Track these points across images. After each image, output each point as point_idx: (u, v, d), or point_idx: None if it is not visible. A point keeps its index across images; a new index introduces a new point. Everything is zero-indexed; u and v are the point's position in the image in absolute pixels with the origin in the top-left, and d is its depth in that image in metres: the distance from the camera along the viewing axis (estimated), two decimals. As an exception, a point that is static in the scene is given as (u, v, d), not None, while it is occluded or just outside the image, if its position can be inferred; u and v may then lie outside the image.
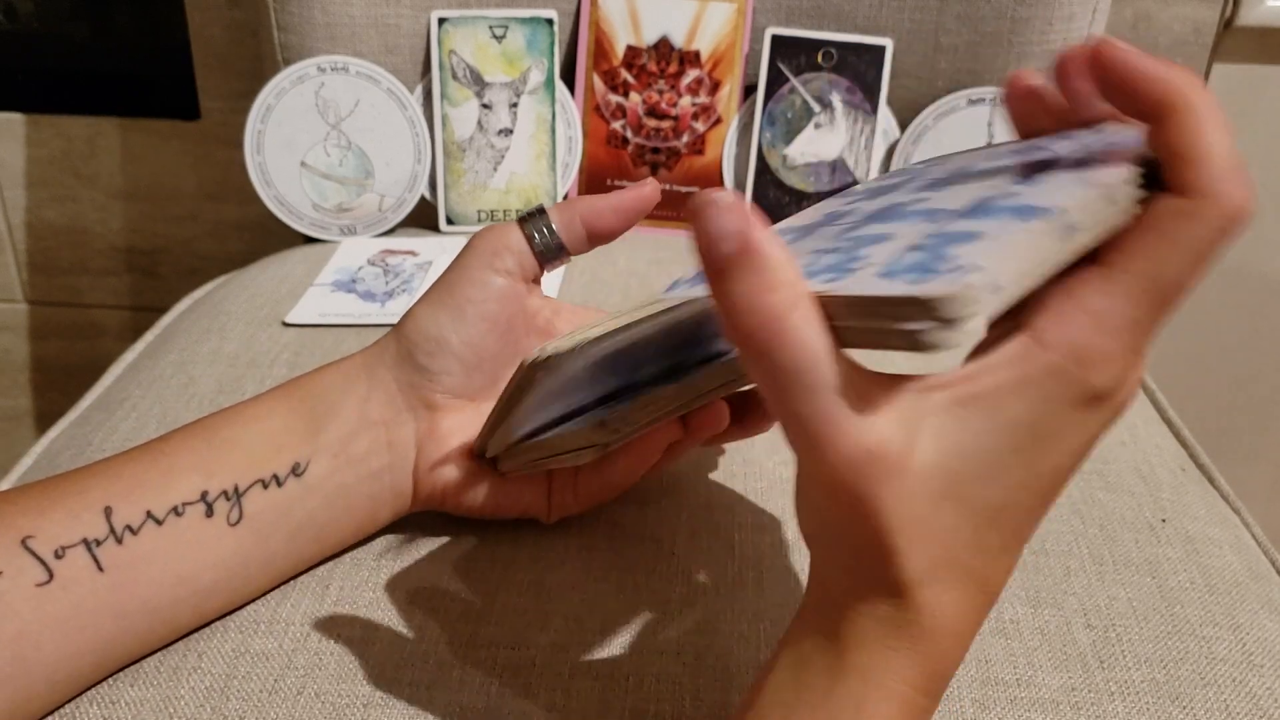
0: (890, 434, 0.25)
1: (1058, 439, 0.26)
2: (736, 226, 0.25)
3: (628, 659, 0.38)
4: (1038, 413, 0.26)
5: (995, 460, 0.26)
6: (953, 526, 0.26)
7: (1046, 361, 0.25)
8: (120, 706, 0.36)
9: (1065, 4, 0.70)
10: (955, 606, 0.27)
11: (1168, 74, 0.25)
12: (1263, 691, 0.39)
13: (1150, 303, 0.26)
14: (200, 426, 0.39)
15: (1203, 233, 0.25)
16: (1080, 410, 0.26)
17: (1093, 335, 0.25)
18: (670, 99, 0.75)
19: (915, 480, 0.25)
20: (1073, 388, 0.26)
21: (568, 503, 0.43)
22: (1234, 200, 0.25)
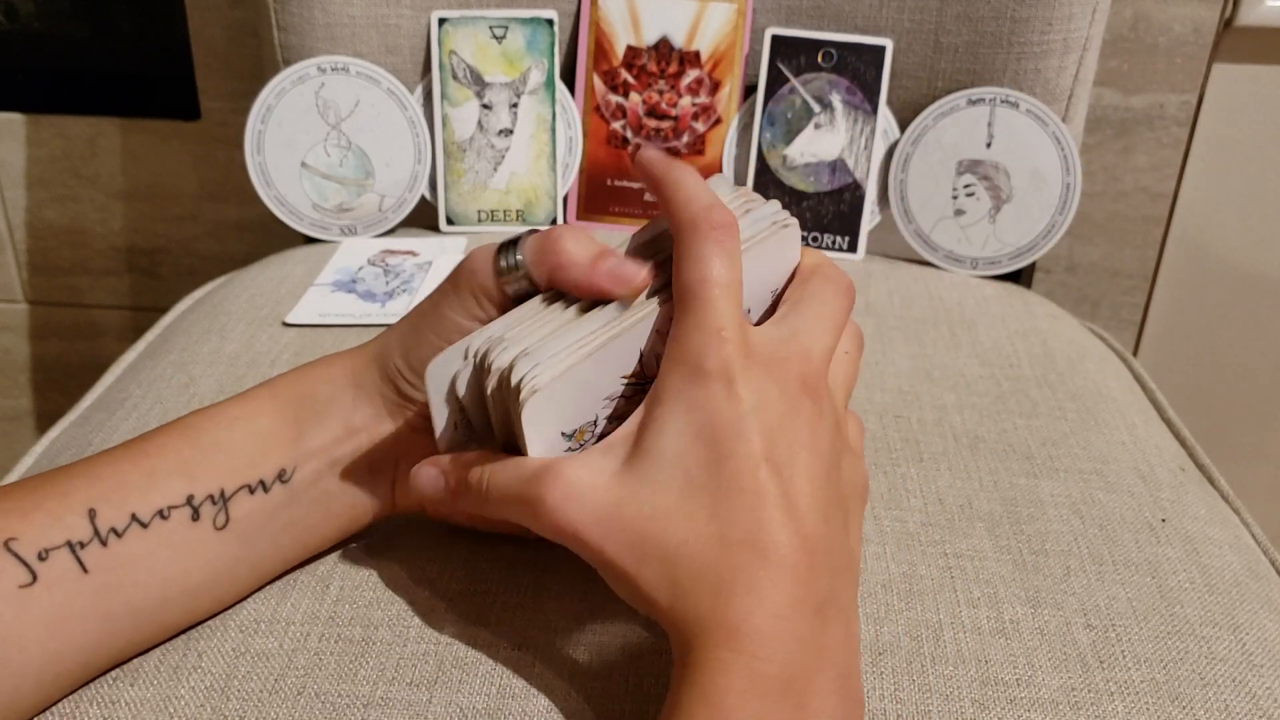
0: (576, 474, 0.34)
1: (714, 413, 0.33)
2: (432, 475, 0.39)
3: (628, 659, 0.38)
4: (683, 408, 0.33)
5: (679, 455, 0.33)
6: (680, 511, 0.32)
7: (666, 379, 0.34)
8: (120, 706, 0.36)
9: (1065, 4, 0.70)
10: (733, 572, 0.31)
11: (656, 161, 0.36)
12: (1262, 691, 0.39)
13: (693, 302, 0.34)
14: (184, 426, 0.39)
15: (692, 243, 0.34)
16: (712, 387, 0.33)
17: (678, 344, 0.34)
18: (670, 99, 0.75)
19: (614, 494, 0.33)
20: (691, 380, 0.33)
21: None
22: (700, 213, 0.34)
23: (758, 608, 0.31)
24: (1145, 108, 0.90)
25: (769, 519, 0.32)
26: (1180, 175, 0.93)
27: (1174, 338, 1.00)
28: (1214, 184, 0.93)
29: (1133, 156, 0.92)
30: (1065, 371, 0.59)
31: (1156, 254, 0.96)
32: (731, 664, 0.30)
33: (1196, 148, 0.92)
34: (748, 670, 0.30)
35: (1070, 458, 0.50)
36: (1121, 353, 0.67)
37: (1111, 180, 0.93)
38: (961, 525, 0.45)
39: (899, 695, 0.37)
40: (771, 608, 0.31)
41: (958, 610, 0.41)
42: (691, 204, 0.35)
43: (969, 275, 0.73)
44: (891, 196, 0.74)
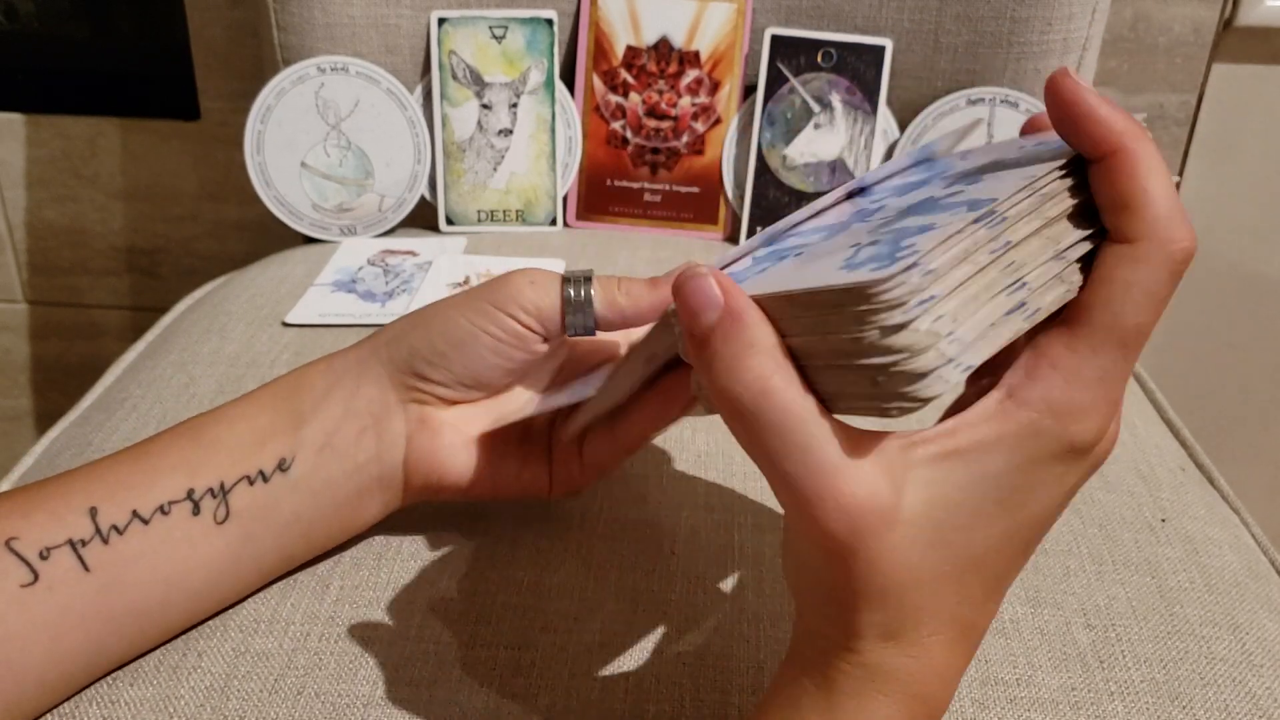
0: (878, 487, 0.26)
1: (1038, 491, 0.27)
2: (719, 295, 0.27)
3: (627, 659, 0.38)
4: (1018, 467, 0.27)
5: (977, 511, 0.27)
6: (938, 576, 0.27)
7: (1024, 418, 0.26)
8: (120, 706, 0.36)
9: (1065, 4, 0.70)
10: (941, 652, 0.28)
11: (1113, 117, 0.26)
12: (1262, 691, 0.39)
13: (1115, 351, 0.26)
14: (185, 427, 0.39)
15: (1153, 276, 0.26)
16: (1060, 463, 0.27)
17: (1066, 389, 0.26)
18: (670, 99, 0.75)
19: (903, 532, 0.26)
20: (1052, 442, 0.26)
21: (572, 475, 0.42)
22: (1178, 242, 0.26)
23: (944, 694, 0.29)
24: (1145, 107, 0.90)
25: (995, 608, 0.29)
26: (1180, 175, 0.93)
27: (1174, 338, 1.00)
28: (1214, 184, 0.93)
29: (1133, 156, 0.92)
30: (1065, 371, 0.59)
31: (1156, 254, 0.96)
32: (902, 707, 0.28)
33: (1196, 148, 0.92)
34: (915, 712, 0.28)
35: (1070, 458, 0.50)
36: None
37: (1111, 180, 0.93)
38: (961, 525, 0.45)
39: (899, 695, 0.37)
40: (951, 691, 0.29)
41: (958, 610, 0.41)
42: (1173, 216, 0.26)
43: (969, 275, 0.73)
44: (891, 196, 0.74)
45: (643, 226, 0.77)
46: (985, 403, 0.27)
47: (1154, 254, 0.26)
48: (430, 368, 0.39)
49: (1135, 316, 0.26)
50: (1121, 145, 0.26)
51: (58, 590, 0.34)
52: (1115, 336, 0.26)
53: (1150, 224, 0.26)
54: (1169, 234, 0.26)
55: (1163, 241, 0.26)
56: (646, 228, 0.77)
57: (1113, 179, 0.26)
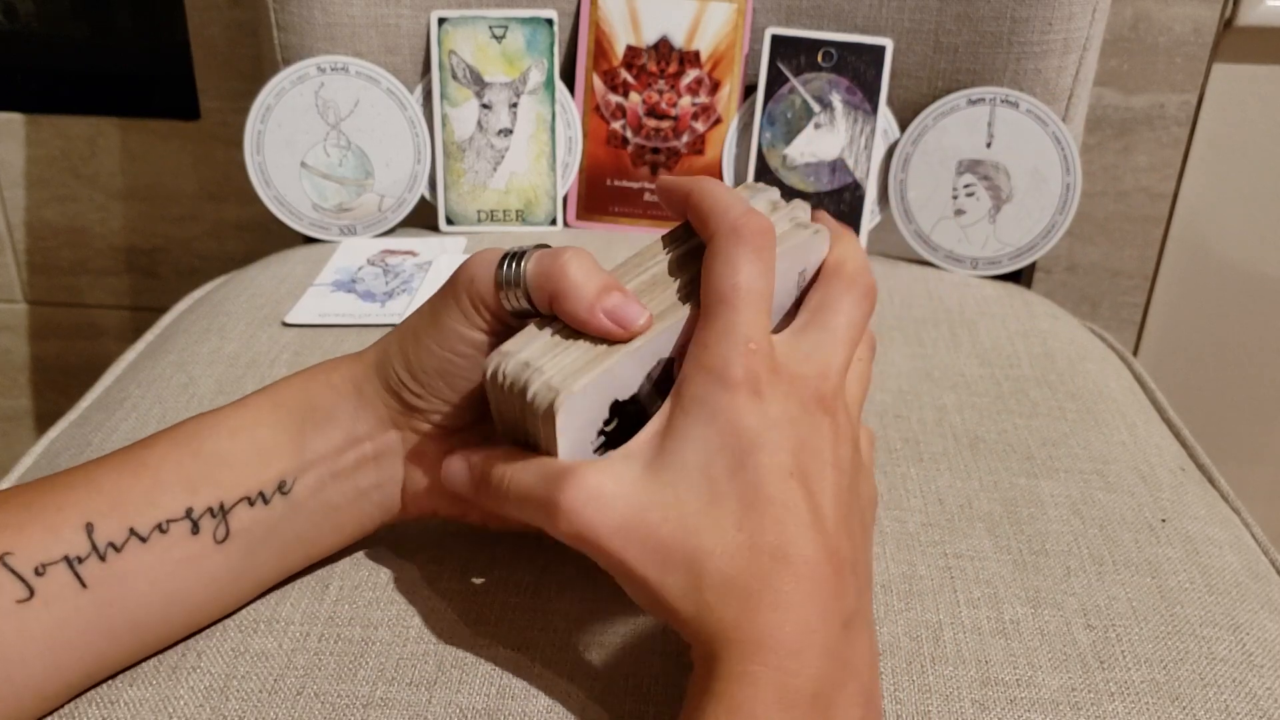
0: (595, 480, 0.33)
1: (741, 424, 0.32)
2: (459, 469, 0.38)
3: (628, 659, 0.38)
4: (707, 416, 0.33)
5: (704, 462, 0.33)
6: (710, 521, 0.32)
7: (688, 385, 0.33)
8: (119, 706, 0.36)
9: (1065, 4, 0.70)
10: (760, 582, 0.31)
11: (681, 180, 0.36)
12: (1263, 692, 0.39)
13: (723, 308, 0.33)
14: (182, 435, 0.38)
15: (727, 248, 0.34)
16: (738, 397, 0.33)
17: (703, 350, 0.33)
18: (670, 99, 0.75)
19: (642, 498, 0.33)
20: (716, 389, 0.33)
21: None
22: (737, 219, 0.34)
23: (786, 621, 0.31)
24: (1145, 108, 0.90)
25: (797, 531, 0.32)
26: (1180, 175, 0.93)
27: (1174, 338, 1.00)
28: (1214, 184, 0.93)
29: (1133, 156, 0.92)
30: (1065, 371, 0.59)
31: (1156, 254, 0.96)
32: (759, 677, 0.30)
33: (1196, 148, 0.92)
34: (776, 684, 0.30)
35: (1070, 458, 0.50)
36: (1121, 353, 0.67)
37: (1111, 180, 0.93)
38: (961, 525, 0.45)
39: (899, 696, 0.37)
40: (800, 621, 0.31)
41: (958, 610, 0.41)
42: (729, 211, 0.34)
43: (969, 275, 0.73)
44: (891, 196, 0.74)
45: (643, 226, 0.77)
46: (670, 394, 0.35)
47: (723, 232, 0.34)
48: (420, 399, 0.38)
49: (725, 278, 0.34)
50: (690, 191, 0.36)
51: (54, 606, 0.34)
52: (718, 298, 0.34)
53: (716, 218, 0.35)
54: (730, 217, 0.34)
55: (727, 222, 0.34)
56: (647, 228, 0.77)
57: (693, 212, 0.36)
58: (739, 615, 0.31)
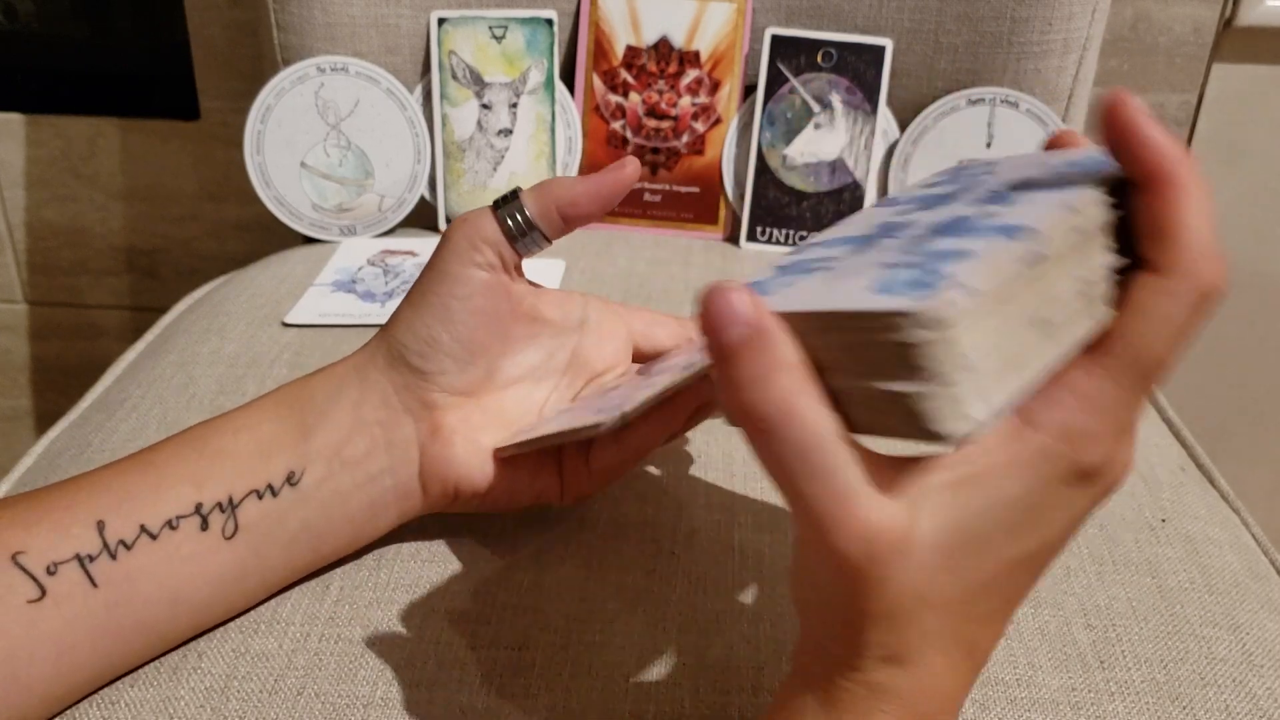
0: (896, 513, 0.26)
1: (1049, 515, 0.27)
2: (747, 311, 0.26)
3: (628, 659, 0.38)
4: (1030, 491, 0.26)
5: (990, 537, 0.27)
6: (948, 598, 0.27)
7: (1037, 443, 0.26)
8: (120, 707, 0.36)
9: (1065, 4, 0.70)
10: (946, 672, 0.28)
11: (1168, 146, 0.26)
12: (1263, 692, 0.39)
13: (1133, 381, 0.26)
14: (190, 436, 0.39)
15: (1180, 310, 0.26)
16: (1071, 488, 0.27)
17: (1079, 415, 0.26)
18: (670, 99, 0.75)
19: (916, 557, 0.26)
20: (1063, 467, 0.26)
21: (581, 482, 0.42)
22: (1210, 279, 0.26)
23: (945, 712, 0.29)
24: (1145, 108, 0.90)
25: (999, 630, 0.29)
26: (1180, 175, 0.93)
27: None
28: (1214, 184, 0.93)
29: (1133, 156, 0.92)
30: (1065, 371, 0.59)
31: (1156, 254, 0.96)
32: None
33: (1196, 148, 0.92)
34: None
35: (1070, 458, 0.50)
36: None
37: (1111, 180, 0.93)
38: (961, 525, 0.45)
39: (899, 695, 0.37)
40: (953, 711, 0.29)
41: (958, 610, 0.41)
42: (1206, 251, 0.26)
43: (969, 275, 0.73)
44: (891, 196, 0.74)
45: (643, 226, 0.77)
46: (1001, 427, 0.26)
47: (1184, 288, 0.26)
48: (423, 359, 0.39)
49: (1158, 349, 0.26)
50: (1171, 174, 0.26)
51: (64, 606, 0.34)
52: (1136, 367, 0.26)
53: (1184, 257, 0.26)
54: (1201, 270, 0.26)
55: (1194, 276, 0.26)
56: (646, 228, 0.77)
57: (1156, 206, 0.26)
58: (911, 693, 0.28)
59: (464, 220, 0.40)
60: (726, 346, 0.26)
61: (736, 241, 0.76)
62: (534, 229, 0.40)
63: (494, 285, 0.40)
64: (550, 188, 0.40)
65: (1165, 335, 0.26)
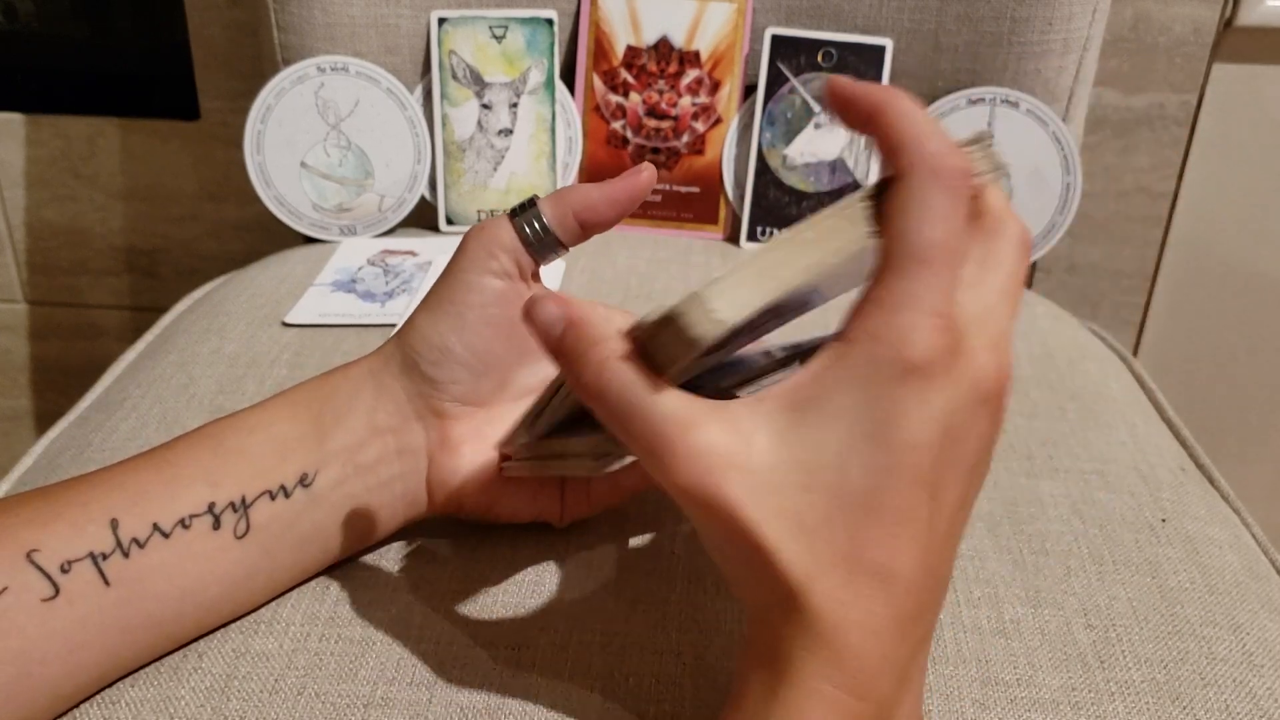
0: (718, 435, 0.28)
1: (901, 418, 0.28)
2: (556, 310, 0.30)
3: (628, 659, 0.38)
4: (865, 396, 0.28)
5: (843, 447, 0.28)
6: (824, 518, 0.28)
7: (854, 352, 0.28)
8: (120, 707, 0.36)
9: (1065, 4, 0.70)
10: (855, 601, 0.28)
11: (871, 89, 0.29)
12: (1263, 692, 0.39)
13: (918, 268, 0.28)
14: (204, 434, 0.39)
15: (926, 192, 0.28)
16: (909, 385, 0.27)
17: (880, 314, 0.28)
18: (670, 99, 0.75)
19: (762, 473, 0.28)
20: (886, 366, 0.27)
21: (580, 506, 0.43)
22: (937, 156, 0.28)
23: (872, 646, 0.28)
24: (1145, 108, 0.90)
25: (907, 547, 0.28)
26: (1180, 175, 0.93)
27: (1174, 338, 1.00)
28: (1214, 184, 0.93)
29: (1133, 156, 0.92)
30: (1065, 372, 0.59)
31: (1156, 254, 0.96)
32: (833, 701, 0.28)
33: (1196, 148, 0.92)
34: (846, 710, 0.28)
35: (1070, 458, 0.50)
36: (1121, 353, 0.67)
37: (1111, 180, 0.93)
38: (962, 525, 0.45)
39: (899, 695, 0.37)
40: (884, 646, 0.28)
41: (958, 610, 0.41)
42: (929, 140, 0.28)
43: (969, 275, 0.73)
44: (891, 196, 0.74)
45: (643, 226, 0.77)
46: (821, 351, 0.29)
47: (922, 173, 0.28)
48: (435, 367, 0.39)
49: (923, 232, 0.28)
50: (884, 106, 0.29)
51: (77, 604, 0.34)
52: (911, 253, 0.28)
53: (915, 151, 0.28)
54: (930, 153, 0.28)
55: (926, 159, 0.28)
56: (647, 228, 0.77)
57: (883, 133, 0.29)
58: (828, 630, 0.28)
59: (481, 228, 0.40)
60: (552, 343, 0.30)
61: (737, 241, 0.76)
62: (551, 236, 0.39)
63: (509, 294, 0.40)
64: (567, 195, 0.40)
65: (925, 217, 0.28)
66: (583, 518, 0.43)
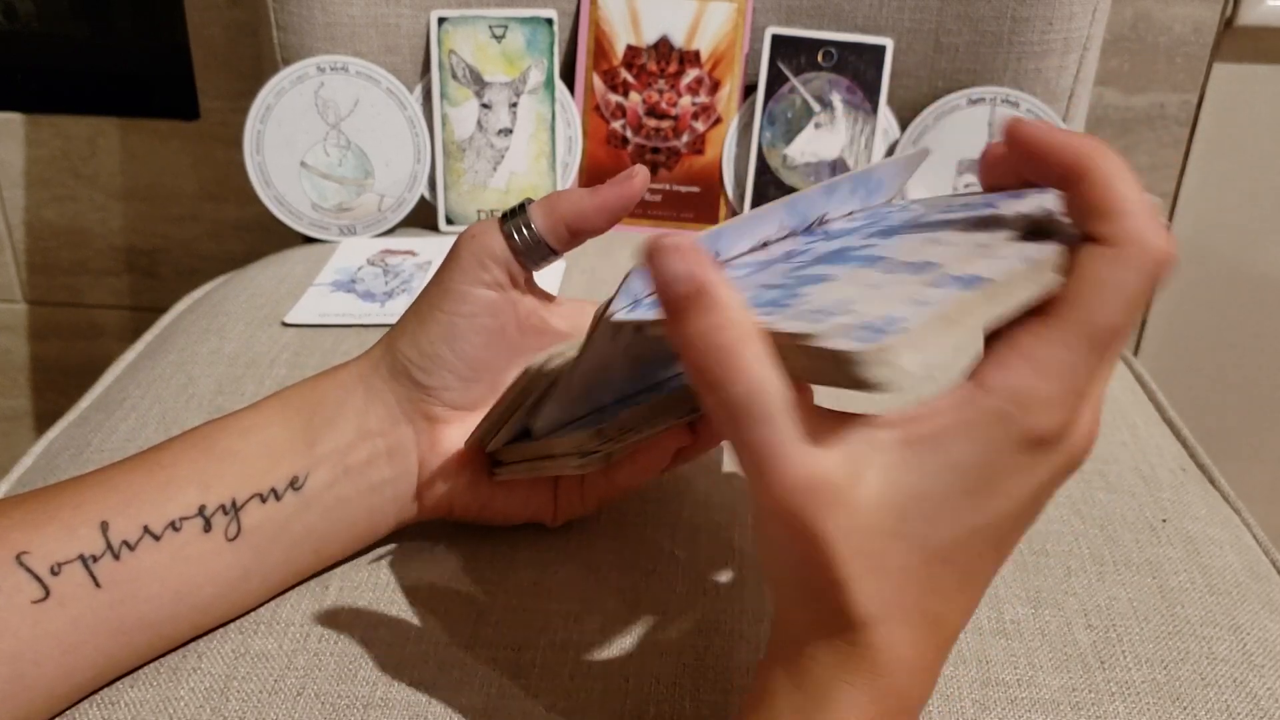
0: (834, 465, 0.26)
1: (1005, 482, 0.27)
2: (689, 269, 0.26)
3: (628, 659, 0.38)
4: (982, 455, 0.26)
5: (943, 500, 0.27)
6: (904, 565, 0.27)
7: (988, 405, 0.26)
8: (120, 708, 0.36)
9: (1065, 4, 0.70)
10: (910, 644, 0.28)
11: (1073, 141, 0.27)
12: (1263, 692, 0.39)
13: (1086, 347, 0.27)
14: (196, 436, 0.39)
15: (1130, 277, 0.26)
16: (1025, 453, 0.27)
17: (1031, 379, 0.26)
18: (670, 99, 0.75)
19: (862, 514, 0.26)
20: (1014, 431, 0.26)
21: (574, 505, 0.43)
22: (1155, 243, 0.26)
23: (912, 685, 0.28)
24: (1146, 107, 0.90)
25: (967, 602, 0.29)
26: (1180, 175, 0.93)
27: (1174, 338, 1.00)
28: (1214, 184, 0.93)
29: (1133, 156, 0.92)
30: (1065, 371, 0.59)
31: (1157, 254, 0.96)
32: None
33: (1197, 148, 0.92)
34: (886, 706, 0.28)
35: (1071, 458, 0.50)
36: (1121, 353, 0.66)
37: (1112, 180, 0.93)
38: (962, 525, 0.45)
39: (899, 696, 0.37)
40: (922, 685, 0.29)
41: (958, 610, 0.41)
42: (1149, 222, 0.27)
43: (969, 275, 0.73)
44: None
45: (643, 226, 0.77)
46: (954, 391, 0.27)
47: (1133, 256, 0.26)
48: (426, 374, 0.39)
49: (1109, 316, 0.26)
50: (1091, 160, 0.27)
51: (69, 605, 0.34)
52: (1086, 331, 0.26)
53: (1132, 225, 0.26)
54: (1149, 237, 0.26)
55: (1143, 243, 0.26)
56: (647, 227, 0.77)
57: (1089, 192, 0.27)
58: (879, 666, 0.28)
59: (472, 237, 0.39)
60: (677, 298, 0.26)
61: (736, 241, 0.76)
62: (541, 244, 0.39)
63: (501, 303, 0.39)
64: (558, 203, 0.39)
65: (1118, 302, 0.26)
66: (577, 516, 0.43)
